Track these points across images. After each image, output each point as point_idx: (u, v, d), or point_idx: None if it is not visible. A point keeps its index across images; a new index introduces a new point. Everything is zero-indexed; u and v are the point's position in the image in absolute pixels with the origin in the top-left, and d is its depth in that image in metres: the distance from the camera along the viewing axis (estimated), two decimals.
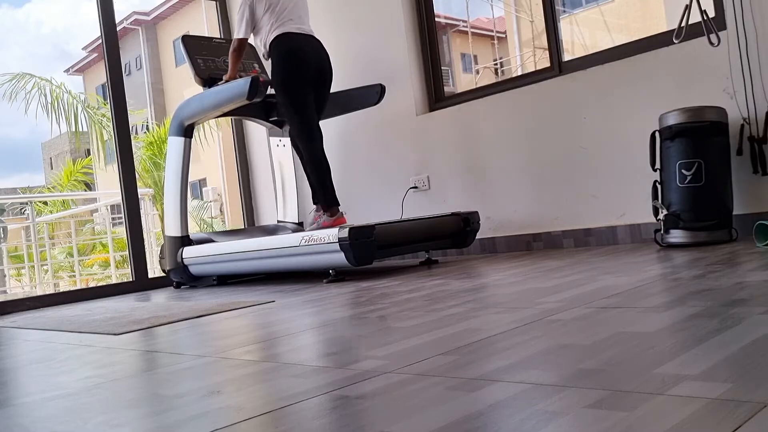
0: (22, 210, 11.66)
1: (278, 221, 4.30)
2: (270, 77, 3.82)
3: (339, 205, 3.42)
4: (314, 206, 3.52)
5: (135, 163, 4.24)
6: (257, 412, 0.93)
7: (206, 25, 16.09)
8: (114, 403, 1.10)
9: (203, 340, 1.71)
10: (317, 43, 3.53)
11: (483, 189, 3.72)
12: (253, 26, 3.47)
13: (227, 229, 7.91)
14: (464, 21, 17.70)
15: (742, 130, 2.77)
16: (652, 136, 2.84)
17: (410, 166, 4.04)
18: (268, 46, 3.47)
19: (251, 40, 3.63)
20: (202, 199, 14.98)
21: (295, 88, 3.41)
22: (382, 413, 0.86)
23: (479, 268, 2.85)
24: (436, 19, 4.16)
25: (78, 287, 5.69)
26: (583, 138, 3.30)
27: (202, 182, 16.98)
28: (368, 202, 4.25)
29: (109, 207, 9.95)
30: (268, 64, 4.03)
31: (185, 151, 3.67)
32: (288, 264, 3.13)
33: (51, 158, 25.21)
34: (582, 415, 0.75)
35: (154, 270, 5.36)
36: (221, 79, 3.56)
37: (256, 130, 4.75)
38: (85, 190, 11.54)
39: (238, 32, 3.46)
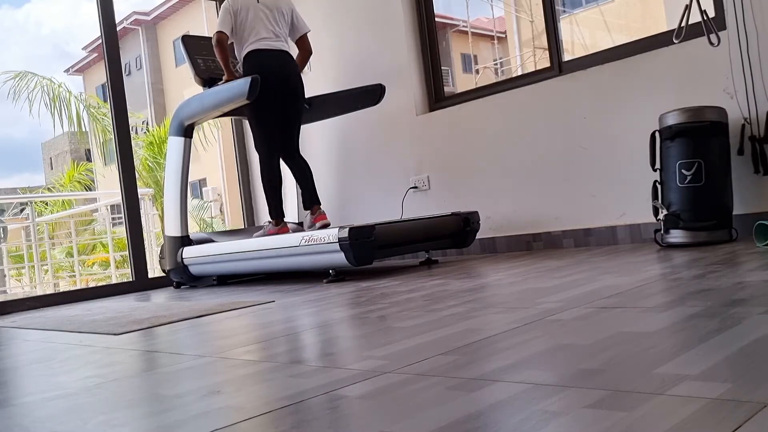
0: (22, 210, 11.67)
1: None
2: None
3: (282, 216, 3.59)
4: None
5: (135, 163, 4.24)
6: (257, 412, 0.93)
7: (206, 25, 16.10)
8: (114, 403, 1.10)
9: (203, 340, 1.71)
10: (288, 59, 3.55)
11: (483, 189, 3.72)
12: (234, 29, 3.47)
13: (227, 229, 7.91)
14: (464, 21, 17.71)
15: (743, 130, 2.77)
16: (652, 136, 2.84)
17: (410, 166, 4.04)
18: (240, 58, 3.52)
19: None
20: (202, 199, 14.98)
21: (260, 105, 3.45)
22: (382, 413, 0.86)
23: (479, 268, 2.85)
24: (436, 19, 4.16)
25: (78, 287, 5.69)
26: (583, 138, 3.30)
27: (202, 182, 16.98)
28: (368, 202, 4.25)
29: (109, 207, 9.95)
30: None
31: (185, 151, 3.67)
32: (288, 264, 3.13)
33: (51, 158, 25.21)
34: (582, 415, 0.75)
35: (154, 270, 5.36)
36: (221, 79, 3.57)
37: None
38: (86, 190, 11.55)
39: (219, 26, 3.44)
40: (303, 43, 3.67)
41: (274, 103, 3.49)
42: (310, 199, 3.59)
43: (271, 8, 3.54)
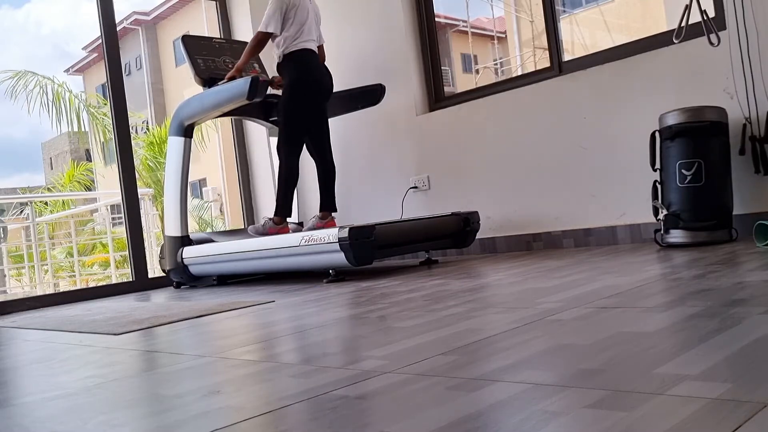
0: (22, 210, 11.67)
1: None
2: (269, 77, 3.83)
3: (289, 216, 3.56)
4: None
5: (135, 163, 4.24)
6: (257, 412, 0.93)
7: (206, 25, 16.09)
8: (114, 403, 1.10)
9: (203, 340, 1.71)
10: (323, 63, 3.63)
11: (483, 189, 3.72)
12: (284, 24, 3.46)
13: (227, 229, 7.91)
14: (464, 21, 17.71)
15: (744, 130, 2.77)
16: (652, 136, 2.84)
17: (410, 166, 4.04)
18: (286, 52, 3.47)
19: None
20: (202, 199, 14.98)
21: (301, 103, 3.48)
22: (382, 413, 0.86)
23: (479, 268, 2.85)
24: (436, 19, 4.16)
25: (78, 287, 5.69)
26: (583, 138, 3.30)
27: (202, 182, 16.97)
28: (368, 202, 4.25)
29: (109, 207, 9.95)
30: (268, 65, 4.03)
31: (185, 151, 3.67)
32: (288, 264, 3.13)
33: (51, 158, 25.20)
34: (582, 415, 0.75)
35: (154, 270, 5.36)
36: (221, 79, 3.56)
37: (256, 130, 4.75)
38: (86, 190, 11.55)
39: (266, 26, 3.42)
40: (319, 53, 3.68)
41: (313, 103, 3.53)
42: (326, 202, 3.60)
43: (316, 14, 3.62)
